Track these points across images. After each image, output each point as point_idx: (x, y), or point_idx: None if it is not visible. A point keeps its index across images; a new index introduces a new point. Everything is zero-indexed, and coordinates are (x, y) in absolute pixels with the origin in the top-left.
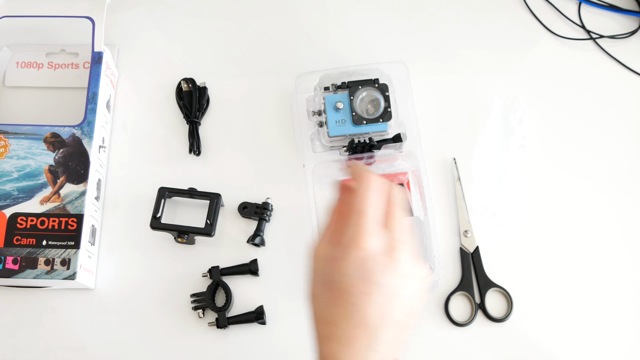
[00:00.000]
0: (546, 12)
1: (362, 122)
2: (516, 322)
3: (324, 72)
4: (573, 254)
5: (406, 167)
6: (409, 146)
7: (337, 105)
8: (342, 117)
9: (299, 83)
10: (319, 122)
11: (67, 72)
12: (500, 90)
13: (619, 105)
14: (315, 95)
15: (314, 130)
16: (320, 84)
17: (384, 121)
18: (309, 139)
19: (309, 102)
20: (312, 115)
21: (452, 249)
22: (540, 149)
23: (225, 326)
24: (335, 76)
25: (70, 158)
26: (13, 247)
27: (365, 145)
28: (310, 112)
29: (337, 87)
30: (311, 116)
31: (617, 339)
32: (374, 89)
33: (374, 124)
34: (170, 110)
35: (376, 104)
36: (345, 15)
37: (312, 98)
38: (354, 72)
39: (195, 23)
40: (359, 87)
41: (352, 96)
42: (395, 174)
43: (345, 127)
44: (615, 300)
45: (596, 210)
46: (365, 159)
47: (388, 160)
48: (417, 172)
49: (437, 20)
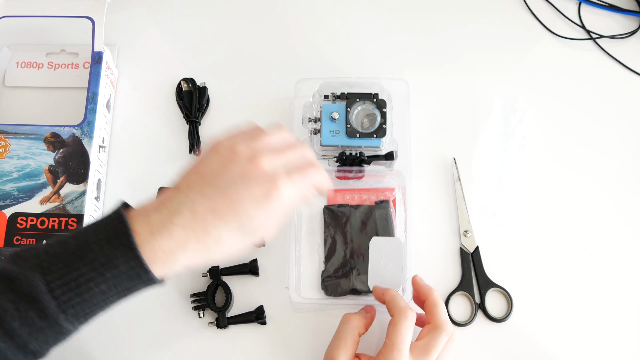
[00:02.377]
0: (546, 12)
1: (356, 136)
2: (516, 322)
3: (324, 79)
4: (573, 254)
5: (394, 184)
6: (399, 165)
7: (332, 115)
8: (336, 128)
9: (298, 88)
10: (314, 130)
11: (67, 72)
12: (501, 90)
13: (619, 105)
14: (313, 102)
15: (306, 137)
16: (319, 91)
17: (378, 137)
18: None
19: (306, 108)
20: (307, 121)
21: (452, 249)
22: (540, 149)
23: (225, 326)
24: (336, 85)
25: (70, 158)
26: (13, 247)
27: (356, 159)
28: (307, 118)
29: (336, 97)
30: (306, 122)
31: (617, 339)
32: (372, 103)
33: (367, 138)
34: (170, 110)
35: (372, 118)
36: (345, 20)
37: (310, 104)
38: (355, 83)
39: (196, 23)
40: (357, 99)
41: (349, 108)
42: (382, 189)
43: (339, 138)
44: (615, 300)
45: (596, 210)
46: (354, 172)
47: (377, 177)
48: (403, 191)
49: (437, 20)
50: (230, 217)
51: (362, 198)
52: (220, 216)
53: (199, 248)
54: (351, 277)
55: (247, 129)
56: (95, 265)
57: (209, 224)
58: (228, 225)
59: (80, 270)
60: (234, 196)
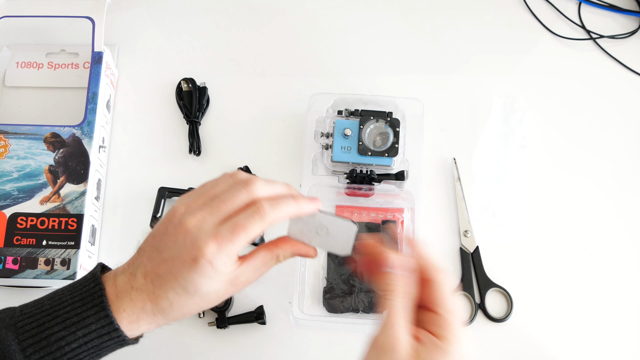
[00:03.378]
0: (546, 12)
1: (367, 153)
2: (516, 322)
3: (339, 95)
4: (573, 254)
5: (403, 204)
6: (409, 185)
7: (345, 132)
8: (348, 144)
9: (312, 102)
10: (325, 145)
11: (67, 72)
12: (501, 91)
13: (619, 105)
14: (326, 117)
15: (317, 152)
16: (334, 107)
17: (390, 156)
18: (311, 161)
19: (319, 122)
20: (319, 136)
21: (452, 249)
22: (540, 149)
23: (225, 326)
24: (351, 102)
25: (70, 158)
26: (13, 247)
27: (366, 177)
28: (319, 132)
29: (350, 113)
30: (319, 137)
31: (617, 339)
32: (385, 122)
33: (379, 157)
34: (170, 110)
35: (385, 137)
36: (334, 15)
37: (323, 119)
38: (369, 100)
39: (196, 23)
40: (370, 117)
41: (362, 125)
42: (391, 209)
43: (350, 154)
44: (615, 300)
45: (596, 210)
46: (363, 190)
47: (386, 196)
48: (413, 212)
49: (437, 20)
50: (171, 280)
51: (370, 216)
52: (163, 280)
53: (155, 310)
54: (353, 296)
55: (202, 185)
56: (67, 324)
57: (157, 287)
58: (173, 289)
59: (53, 329)
60: (169, 260)
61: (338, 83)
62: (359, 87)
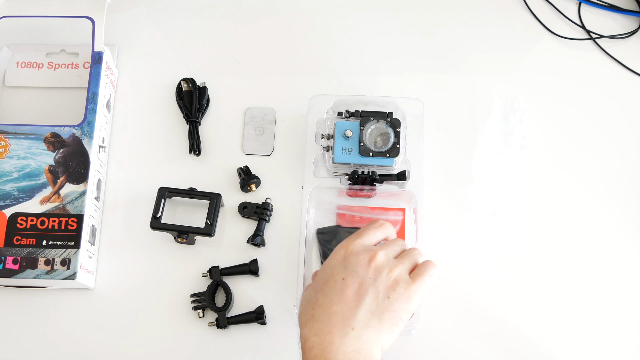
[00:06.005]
0: (546, 12)
1: (369, 154)
2: (516, 322)
3: (339, 96)
4: (573, 254)
5: (405, 204)
6: (411, 185)
7: (346, 133)
8: (349, 146)
9: (312, 103)
10: (326, 146)
11: (67, 72)
12: (501, 90)
13: (619, 105)
14: (327, 119)
15: (319, 154)
16: (334, 108)
17: (391, 156)
18: (312, 163)
19: (319, 124)
20: (320, 138)
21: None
22: (540, 149)
23: (225, 326)
24: (351, 103)
25: (70, 158)
26: (13, 247)
27: (367, 177)
28: (319, 134)
29: (350, 114)
30: (319, 139)
31: (617, 339)
32: (386, 122)
33: (380, 157)
34: (170, 110)
35: (386, 138)
36: (332, 14)
37: (324, 121)
38: (369, 101)
39: (196, 23)
40: (371, 118)
41: (362, 126)
42: (392, 209)
43: (351, 156)
44: (615, 300)
45: (596, 210)
46: (365, 191)
47: (388, 196)
48: (415, 211)
49: (437, 20)
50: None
51: (371, 217)
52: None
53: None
54: None
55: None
56: None
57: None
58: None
59: None
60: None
61: (338, 83)
62: (359, 88)
